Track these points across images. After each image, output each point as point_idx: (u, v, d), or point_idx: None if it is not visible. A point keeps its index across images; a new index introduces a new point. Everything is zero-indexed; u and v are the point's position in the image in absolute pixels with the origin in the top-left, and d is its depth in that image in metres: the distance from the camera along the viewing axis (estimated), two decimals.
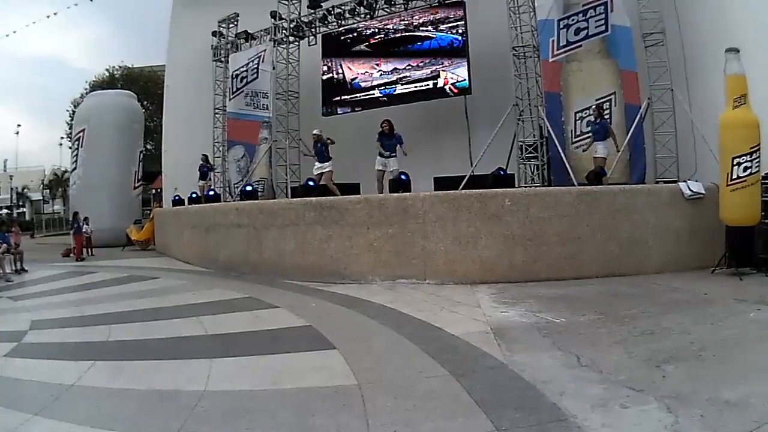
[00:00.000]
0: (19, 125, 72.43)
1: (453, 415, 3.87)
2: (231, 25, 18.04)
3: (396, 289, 8.63)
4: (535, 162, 12.45)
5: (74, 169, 23.39)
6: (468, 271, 8.83)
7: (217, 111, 18.52)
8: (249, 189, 14.45)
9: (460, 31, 13.91)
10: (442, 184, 11.68)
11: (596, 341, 5.36)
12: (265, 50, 16.63)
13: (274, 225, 10.56)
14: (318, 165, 12.29)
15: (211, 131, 18.56)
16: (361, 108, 15.48)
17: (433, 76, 14.31)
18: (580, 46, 11.84)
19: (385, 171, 11.52)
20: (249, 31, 17.29)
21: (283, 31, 16.32)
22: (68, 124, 36.96)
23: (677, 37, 12.02)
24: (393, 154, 11.48)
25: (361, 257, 9.43)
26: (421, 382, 4.53)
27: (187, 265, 13.29)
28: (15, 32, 58.57)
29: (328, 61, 16.15)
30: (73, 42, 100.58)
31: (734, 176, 8.34)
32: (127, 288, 10.47)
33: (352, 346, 5.66)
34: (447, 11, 14.16)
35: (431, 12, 14.39)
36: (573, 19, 11.79)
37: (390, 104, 14.86)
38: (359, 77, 15.65)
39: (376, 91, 15.25)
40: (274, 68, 16.40)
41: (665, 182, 10.78)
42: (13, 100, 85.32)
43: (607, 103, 11.59)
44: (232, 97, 17.58)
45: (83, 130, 22.75)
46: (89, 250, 17.89)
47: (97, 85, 36.19)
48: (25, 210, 51.22)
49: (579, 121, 11.86)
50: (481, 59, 13.77)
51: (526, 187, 11.81)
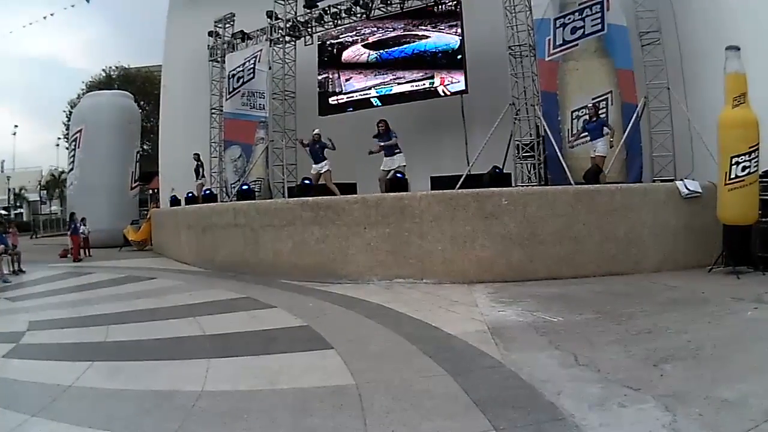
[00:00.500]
0: (16, 126, 72.17)
1: (451, 415, 3.86)
2: (227, 25, 18.01)
3: (393, 289, 8.64)
4: (531, 161, 12.44)
5: (71, 169, 23.31)
6: (465, 271, 8.84)
7: (213, 111, 18.50)
8: (245, 188, 14.43)
9: (456, 31, 13.88)
10: (438, 183, 11.65)
11: (594, 340, 5.36)
12: (262, 50, 16.61)
13: (271, 225, 10.56)
14: (315, 166, 12.31)
15: (208, 131, 18.51)
16: (358, 108, 15.45)
17: (429, 76, 14.29)
18: (577, 45, 11.83)
19: (389, 171, 11.45)
20: (245, 31, 17.26)
21: (280, 31, 16.30)
22: (65, 124, 36.85)
23: (674, 35, 12.04)
24: (397, 151, 11.47)
25: (358, 257, 9.44)
26: (419, 382, 4.52)
27: (184, 266, 13.29)
28: (11, 32, 58.67)
29: (324, 56, 16.16)
30: (69, 42, 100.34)
31: (733, 176, 8.32)
32: (124, 288, 10.46)
33: (350, 346, 5.65)
34: (443, 10, 14.11)
35: (427, 11, 14.36)
36: (569, 18, 11.79)
37: (386, 104, 14.84)
38: (354, 78, 15.63)
39: (373, 91, 15.23)
40: (270, 68, 16.40)
41: (662, 181, 10.78)
42: (10, 101, 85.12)
43: (604, 102, 11.57)
44: (228, 97, 17.53)
45: (80, 131, 22.69)
46: (86, 250, 17.86)
47: (94, 86, 36.05)
48: (22, 211, 51.00)
49: (575, 120, 11.84)
50: (478, 58, 13.74)
51: (522, 186, 11.79)
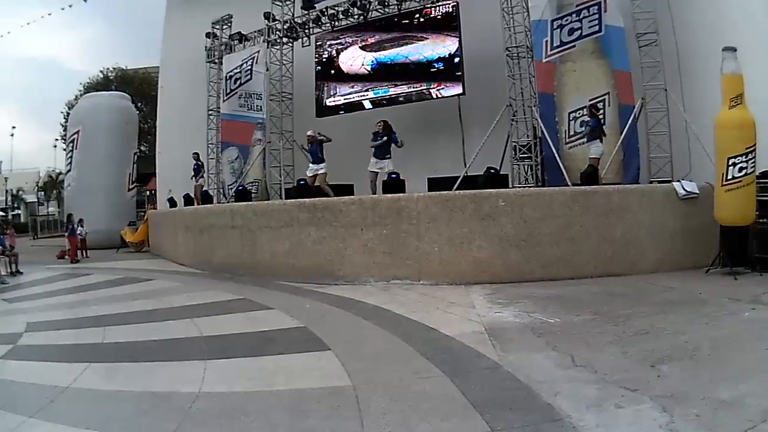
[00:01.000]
0: (14, 127, 72.04)
1: (448, 416, 3.86)
2: (224, 27, 18.01)
3: (390, 290, 8.63)
4: (528, 162, 12.47)
5: (69, 171, 23.26)
6: (462, 272, 8.83)
7: (210, 112, 18.48)
8: (241, 189, 14.45)
9: (453, 33, 13.89)
10: (435, 184, 11.69)
11: (591, 341, 5.36)
12: (259, 51, 16.60)
13: (268, 226, 10.55)
14: (312, 167, 12.28)
15: (205, 133, 18.49)
16: (355, 110, 15.47)
17: (426, 78, 14.29)
18: (574, 46, 11.86)
19: (378, 173, 11.48)
20: (242, 33, 17.24)
21: (277, 33, 16.29)
22: (63, 125, 36.76)
23: (671, 37, 12.06)
24: (387, 156, 11.46)
25: (355, 258, 9.42)
26: (416, 383, 4.52)
27: (182, 267, 13.26)
28: (9, 33, 58.58)
29: (322, 58, 16.17)
30: (67, 43, 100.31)
31: (729, 176, 8.32)
32: (121, 290, 10.44)
33: (347, 347, 5.64)
34: (440, 12, 14.13)
35: (424, 13, 14.38)
36: (566, 20, 11.81)
37: (382, 106, 14.84)
38: (354, 78, 15.63)
39: (369, 93, 15.24)
40: (267, 69, 16.38)
41: (659, 182, 10.78)
42: (7, 102, 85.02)
43: (601, 104, 11.58)
44: (225, 98, 17.53)
45: (77, 132, 22.64)
46: (84, 252, 17.83)
47: (92, 87, 35.98)
48: (20, 212, 50.97)
49: (573, 122, 11.87)
50: (475, 60, 13.77)
51: (519, 187, 11.81)
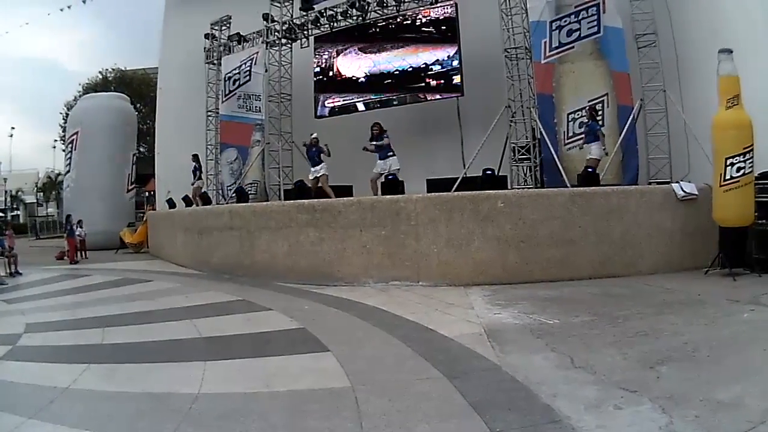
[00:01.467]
0: (12, 128, 71.85)
1: (447, 417, 3.86)
2: (223, 28, 17.98)
3: (389, 291, 8.63)
4: (527, 163, 12.45)
5: (68, 171, 23.32)
6: (461, 273, 8.83)
7: (209, 113, 18.44)
8: (239, 189, 14.48)
9: (452, 33, 13.87)
10: (434, 186, 11.68)
11: (590, 342, 5.36)
12: (258, 52, 16.58)
13: (267, 227, 10.54)
14: (312, 169, 12.32)
15: (204, 134, 18.45)
16: (353, 110, 15.48)
17: (426, 78, 14.29)
18: (573, 47, 11.85)
19: (382, 174, 11.42)
20: (241, 34, 17.21)
21: (276, 34, 16.28)
22: (62, 126, 36.78)
23: (669, 38, 12.06)
24: (390, 154, 11.45)
25: (353, 259, 9.43)
26: (415, 384, 4.51)
27: (181, 268, 13.27)
28: (8, 33, 58.51)
29: (321, 62, 16.16)
30: (66, 44, 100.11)
31: (727, 177, 8.35)
32: (120, 291, 10.43)
33: (346, 348, 5.64)
34: (438, 13, 14.13)
35: (423, 13, 14.39)
36: (565, 21, 11.81)
37: (382, 107, 14.83)
38: (352, 77, 15.64)
39: (370, 94, 15.23)
40: (266, 70, 16.36)
41: (658, 183, 10.81)
42: (6, 103, 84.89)
43: (600, 105, 11.59)
44: (224, 99, 17.51)
45: (76, 133, 22.70)
46: (83, 253, 17.84)
47: (90, 88, 36.00)
48: (19, 213, 50.97)
49: (571, 123, 11.87)
50: (474, 61, 13.77)
51: (518, 188, 11.81)
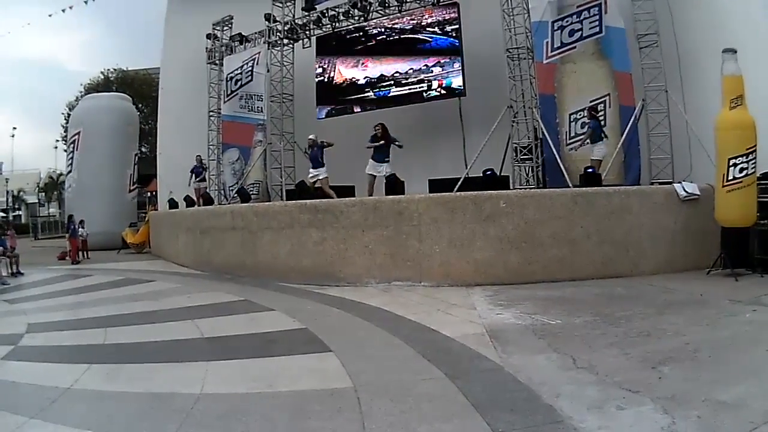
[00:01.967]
0: (14, 128, 71.99)
1: (449, 418, 3.86)
2: (225, 28, 17.99)
3: (391, 292, 8.64)
4: (529, 164, 12.47)
5: (69, 172, 23.30)
6: (463, 273, 8.83)
7: (211, 114, 18.46)
8: (241, 189, 14.53)
9: (454, 34, 13.89)
10: (436, 186, 11.67)
11: (592, 343, 5.36)
12: (260, 53, 16.58)
13: (269, 228, 10.55)
14: (313, 171, 12.29)
15: (206, 134, 18.47)
16: (356, 110, 15.49)
17: (428, 79, 14.29)
18: (575, 47, 11.84)
19: (376, 176, 11.41)
20: (243, 34, 17.22)
21: (278, 34, 16.28)
22: (63, 127, 36.81)
23: (671, 38, 12.04)
24: (386, 159, 11.40)
25: (356, 260, 9.43)
26: (417, 385, 4.51)
27: (183, 268, 13.28)
28: (10, 33, 58.65)
29: (323, 63, 16.17)
30: (68, 44, 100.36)
31: (730, 177, 8.36)
32: (122, 291, 10.45)
33: (348, 348, 5.64)
34: (441, 13, 14.13)
35: (425, 14, 14.38)
36: (567, 21, 11.79)
37: (384, 106, 14.82)
38: (353, 79, 15.65)
39: (371, 93, 15.24)
40: (268, 71, 16.36)
41: (660, 183, 10.78)
42: (8, 103, 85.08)
43: (602, 105, 11.58)
44: (226, 99, 17.51)
45: (78, 133, 22.69)
46: (85, 253, 17.84)
47: (92, 88, 36.02)
48: (20, 213, 51.07)
49: (573, 123, 11.85)
50: (476, 61, 13.78)
51: (520, 188, 11.81)
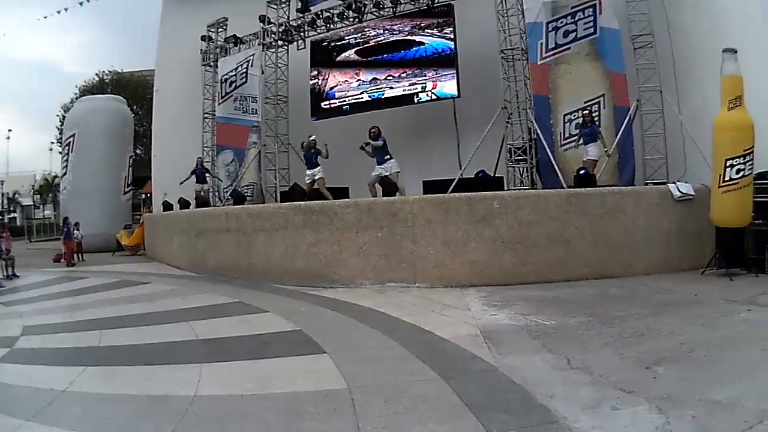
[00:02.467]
0: (10, 130, 71.61)
1: (444, 419, 3.86)
2: (220, 30, 18.00)
3: (385, 293, 8.63)
4: (524, 165, 12.48)
5: (64, 174, 23.24)
6: (457, 275, 8.83)
7: (206, 115, 18.46)
8: (235, 191, 14.49)
9: (448, 36, 13.89)
10: (430, 187, 11.61)
11: (586, 343, 5.37)
12: (254, 54, 16.59)
13: (264, 229, 10.53)
14: (309, 172, 12.32)
15: (201, 136, 18.48)
16: (350, 112, 15.45)
17: (422, 81, 14.29)
18: (569, 48, 11.85)
19: (379, 177, 11.37)
20: (238, 36, 17.24)
21: (272, 36, 16.30)
22: (58, 128, 36.72)
23: (666, 38, 12.04)
24: (388, 157, 11.40)
25: (350, 261, 9.42)
26: (412, 386, 4.51)
27: (177, 270, 13.26)
28: (5, 34, 58.47)
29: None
30: (63, 46, 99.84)
31: (727, 178, 8.34)
32: (117, 293, 10.42)
33: (342, 350, 5.64)
34: (435, 16, 14.13)
35: (419, 16, 14.38)
36: (561, 22, 11.81)
37: (378, 108, 14.78)
38: (347, 82, 15.65)
39: (365, 95, 15.23)
40: (262, 72, 16.38)
41: (654, 184, 10.80)
42: (2, 105, 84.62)
43: (596, 106, 11.58)
44: (221, 101, 17.52)
45: (73, 135, 22.63)
46: (80, 255, 17.75)
47: (87, 90, 36.02)
48: (15, 215, 50.91)
49: (568, 124, 11.86)
50: (470, 62, 13.78)
51: (515, 189, 11.82)
